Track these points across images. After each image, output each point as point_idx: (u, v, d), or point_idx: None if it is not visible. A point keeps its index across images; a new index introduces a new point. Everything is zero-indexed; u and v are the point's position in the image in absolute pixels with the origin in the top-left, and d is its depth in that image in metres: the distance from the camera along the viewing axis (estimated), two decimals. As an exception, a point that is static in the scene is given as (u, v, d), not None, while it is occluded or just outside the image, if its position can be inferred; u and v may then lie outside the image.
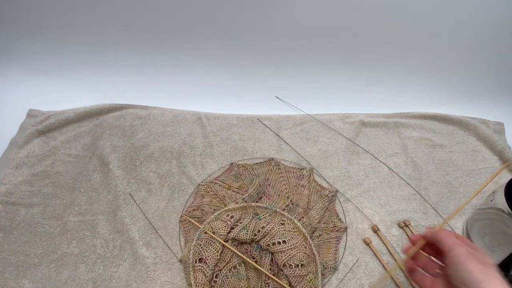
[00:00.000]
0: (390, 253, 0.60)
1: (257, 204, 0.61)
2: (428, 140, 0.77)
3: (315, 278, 0.54)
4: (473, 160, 0.74)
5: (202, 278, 0.53)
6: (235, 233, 0.56)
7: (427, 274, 0.46)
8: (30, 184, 0.69)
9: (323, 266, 0.58)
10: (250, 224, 0.58)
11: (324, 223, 0.63)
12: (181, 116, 0.81)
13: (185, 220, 0.63)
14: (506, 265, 0.53)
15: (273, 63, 0.87)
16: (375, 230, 0.62)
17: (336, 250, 0.60)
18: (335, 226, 0.63)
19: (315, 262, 0.55)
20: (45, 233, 0.62)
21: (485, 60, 0.84)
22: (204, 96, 0.87)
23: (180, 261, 0.59)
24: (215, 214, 0.59)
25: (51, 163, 0.72)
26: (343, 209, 0.66)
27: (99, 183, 0.69)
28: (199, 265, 0.53)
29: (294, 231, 0.57)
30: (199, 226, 0.58)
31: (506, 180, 0.54)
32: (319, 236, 0.61)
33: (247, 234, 0.57)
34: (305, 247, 0.56)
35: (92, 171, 0.71)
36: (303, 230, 0.57)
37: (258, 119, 0.81)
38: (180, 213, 0.65)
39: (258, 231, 0.57)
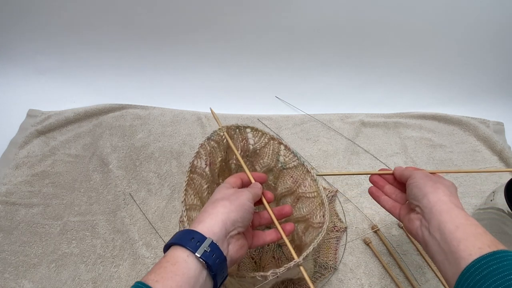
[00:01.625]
0: (390, 253, 0.60)
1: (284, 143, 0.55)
2: (428, 140, 0.77)
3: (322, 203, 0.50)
4: (473, 160, 0.74)
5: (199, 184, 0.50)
6: (257, 147, 0.55)
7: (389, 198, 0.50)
8: (30, 184, 0.69)
9: (323, 266, 0.58)
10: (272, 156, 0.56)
11: (324, 223, 0.63)
12: (181, 116, 0.81)
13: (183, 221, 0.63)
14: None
15: (273, 63, 0.87)
16: (375, 230, 0.62)
17: (336, 250, 0.60)
18: (335, 226, 0.63)
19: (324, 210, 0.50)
20: (45, 233, 0.62)
21: (485, 60, 0.84)
22: (204, 96, 0.87)
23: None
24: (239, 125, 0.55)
25: (51, 163, 0.72)
26: (343, 209, 0.66)
27: (99, 183, 0.69)
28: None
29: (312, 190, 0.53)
30: (219, 123, 0.54)
31: (506, 180, 0.54)
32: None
33: (269, 159, 0.55)
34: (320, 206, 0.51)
35: (92, 171, 0.71)
36: (323, 194, 0.50)
37: (258, 119, 0.81)
38: (180, 213, 0.65)
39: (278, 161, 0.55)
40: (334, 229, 0.62)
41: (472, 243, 0.34)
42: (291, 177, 0.54)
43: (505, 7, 0.75)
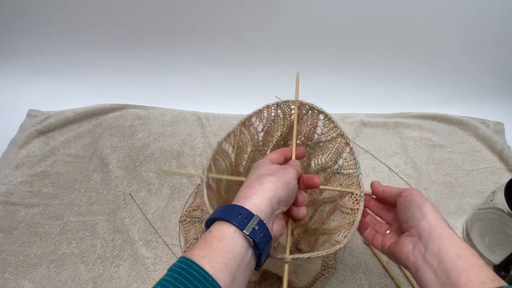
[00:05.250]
0: (390, 253, 0.60)
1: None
2: (428, 140, 0.77)
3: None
4: (473, 160, 0.74)
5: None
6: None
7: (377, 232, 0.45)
8: (30, 184, 0.69)
9: (323, 266, 0.58)
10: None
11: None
12: (181, 116, 0.81)
13: (185, 220, 0.63)
14: (506, 265, 0.53)
15: (273, 63, 0.87)
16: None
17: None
18: (335, 226, 0.62)
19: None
20: (45, 233, 0.62)
21: (485, 60, 0.84)
22: (204, 96, 0.87)
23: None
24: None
25: (51, 163, 0.72)
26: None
27: (99, 183, 0.69)
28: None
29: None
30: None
31: (506, 180, 0.54)
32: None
33: (328, 157, 0.49)
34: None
35: (92, 171, 0.71)
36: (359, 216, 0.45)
37: (258, 119, 0.81)
38: (180, 213, 0.65)
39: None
40: (334, 229, 0.62)
41: (475, 276, 0.31)
42: (340, 185, 0.49)
43: (505, 7, 0.75)
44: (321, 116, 0.50)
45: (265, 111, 0.48)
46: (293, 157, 0.45)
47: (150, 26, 0.83)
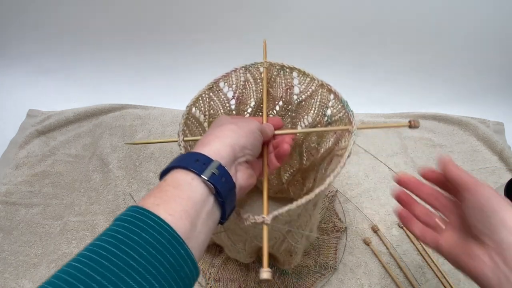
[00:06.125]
0: (390, 253, 0.60)
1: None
2: (428, 140, 0.77)
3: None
4: (473, 160, 0.74)
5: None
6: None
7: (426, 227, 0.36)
8: (30, 184, 0.69)
9: (323, 266, 0.58)
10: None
11: (324, 223, 0.63)
12: (181, 116, 0.81)
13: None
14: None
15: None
16: (375, 230, 0.62)
17: (336, 250, 0.60)
18: (335, 226, 0.63)
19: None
20: (45, 233, 0.62)
21: (485, 60, 0.84)
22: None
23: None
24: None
25: (51, 163, 0.72)
26: (343, 209, 0.66)
27: (99, 183, 0.69)
28: None
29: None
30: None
31: (506, 180, 0.54)
32: (319, 237, 0.61)
33: (314, 113, 0.45)
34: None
35: (92, 171, 0.71)
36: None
37: (258, 119, 0.81)
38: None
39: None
40: (334, 229, 0.62)
41: None
42: (334, 133, 0.44)
43: (505, 7, 0.75)
44: (295, 74, 0.45)
45: (233, 75, 0.44)
46: (264, 121, 0.42)
47: (150, 26, 0.83)
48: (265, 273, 0.28)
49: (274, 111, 0.50)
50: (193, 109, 0.42)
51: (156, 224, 0.24)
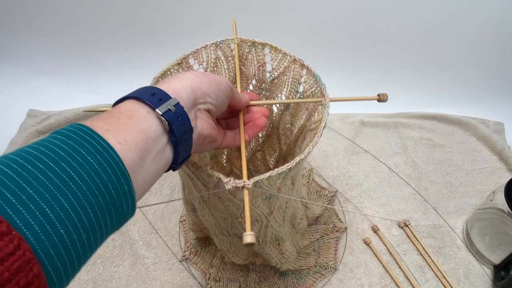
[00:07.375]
0: (390, 253, 0.60)
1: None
2: (428, 140, 0.77)
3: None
4: (473, 160, 0.74)
5: None
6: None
7: None
8: (30, 184, 0.68)
9: (323, 266, 0.58)
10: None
11: (324, 223, 0.63)
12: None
13: (185, 220, 0.63)
14: (506, 265, 0.53)
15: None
16: (375, 230, 0.62)
17: (336, 250, 0.60)
18: (335, 226, 0.63)
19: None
20: (45, 233, 0.62)
21: (485, 60, 0.84)
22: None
23: (181, 261, 0.59)
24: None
25: (51, 163, 0.72)
26: (342, 209, 0.66)
27: (99, 183, 0.69)
28: None
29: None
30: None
31: (506, 180, 0.54)
32: (319, 237, 0.61)
33: (287, 90, 0.44)
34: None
35: (92, 171, 0.71)
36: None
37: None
38: (180, 213, 0.65)
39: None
40: (334, 229, 0.62)
41: None
42: (306, 109, 0.43)
43: (505, 7, 0.75)
44: (267, 50, 0.44)
45: (203, 51, 0.43)
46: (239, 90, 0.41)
47: (150, 26, 0.83)
48: (249, 236, 0.26)
49: (248, 91, 0.49)
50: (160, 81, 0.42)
51: (104, 149, 0.22)
